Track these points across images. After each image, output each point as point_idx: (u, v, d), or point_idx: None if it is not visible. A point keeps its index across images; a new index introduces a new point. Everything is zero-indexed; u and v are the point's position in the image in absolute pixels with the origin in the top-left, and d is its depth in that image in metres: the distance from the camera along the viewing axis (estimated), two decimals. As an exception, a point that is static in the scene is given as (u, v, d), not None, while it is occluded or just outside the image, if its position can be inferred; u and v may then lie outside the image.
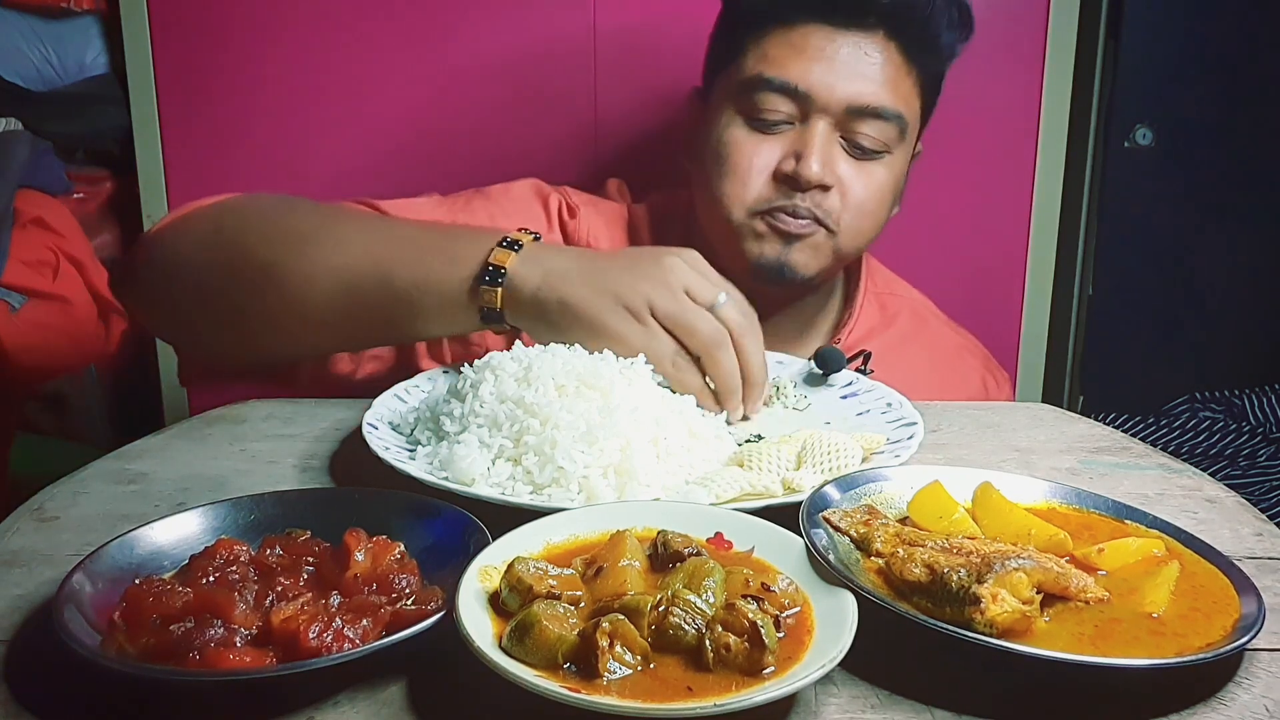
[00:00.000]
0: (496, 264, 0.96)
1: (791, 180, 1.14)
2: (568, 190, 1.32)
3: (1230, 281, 2.24)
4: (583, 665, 0.56)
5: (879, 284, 1.39)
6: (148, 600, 0.59)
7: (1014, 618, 0.60)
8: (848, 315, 1.32)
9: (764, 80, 1.15)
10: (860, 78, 1.14)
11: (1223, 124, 2.15)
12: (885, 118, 1.15)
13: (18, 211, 1.71)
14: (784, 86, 1.14)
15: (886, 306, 1.37)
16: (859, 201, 1.17)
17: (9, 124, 1.84)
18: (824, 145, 1.14)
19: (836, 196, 1.16)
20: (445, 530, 0.69)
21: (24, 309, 1.65)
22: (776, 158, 1.15)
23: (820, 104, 1.14)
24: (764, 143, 1.16)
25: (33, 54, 1.89)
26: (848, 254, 1.21)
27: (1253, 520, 0.82)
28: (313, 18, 1.75)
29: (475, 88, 1.76)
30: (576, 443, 0.80)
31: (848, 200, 1.16)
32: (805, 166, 1.13)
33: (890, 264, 1.48)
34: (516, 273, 0.96)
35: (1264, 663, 0.62)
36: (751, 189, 1.16)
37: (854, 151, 1.16)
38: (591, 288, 0.94)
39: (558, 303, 0.95)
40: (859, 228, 1.18)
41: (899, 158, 1.19)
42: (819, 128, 1.14)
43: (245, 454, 0.92)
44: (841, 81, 1.13)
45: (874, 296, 1.36)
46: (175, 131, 1.81)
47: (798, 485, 0.79)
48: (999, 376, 1.41)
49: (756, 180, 1.16)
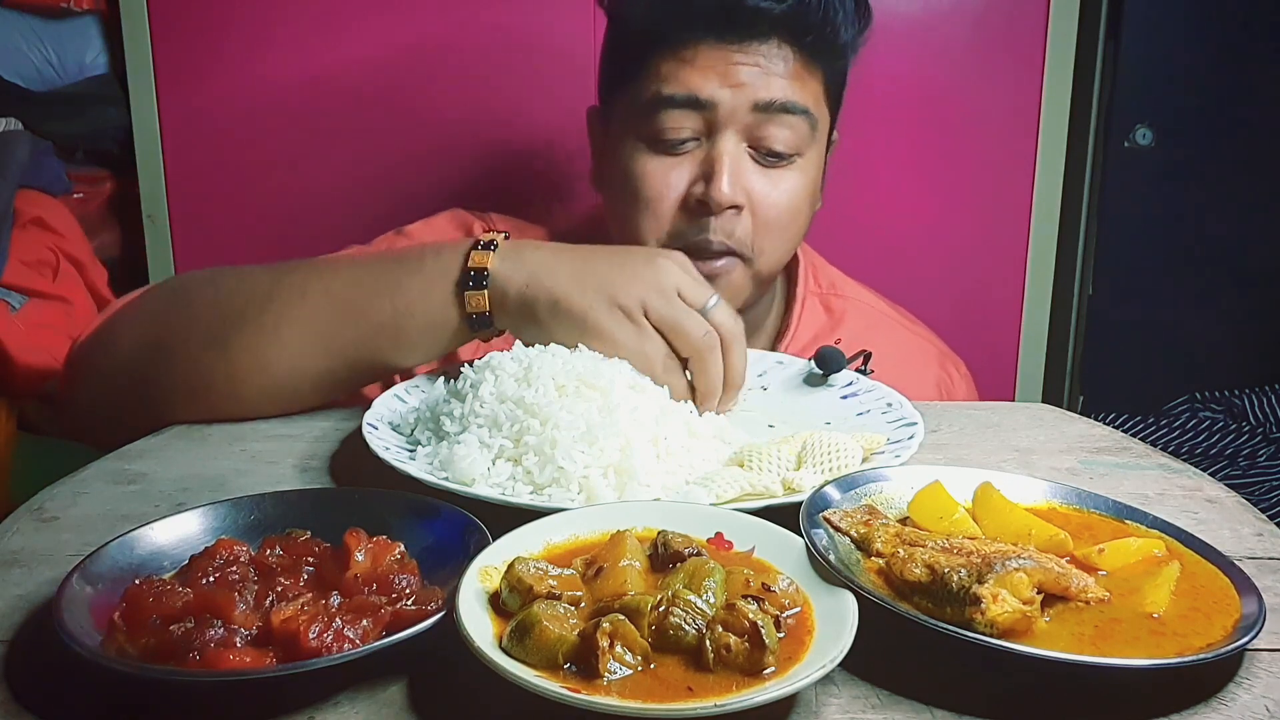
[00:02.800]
0: (478, 266, 0.94)
1: (702, 206, 1.11)
2: (491, 216, 1.30)
3: (1230, 281, 2.24)
4: (583, 665, 0.56)
5: (822, 285, 1.35)
6: (148, 600, 0.59)
7: (1014, 618, 0.60)
8: (787, 324, 1.29)
9: (664, 98, 1.11)
10: (763, 78, 1.11)
11: (1223, 124, 2.15)
12: (794, 112, 1.11)
13: (18, 211, 1.71)
14: (686, 100, 1.10)
15: (832, 308, 1.33)
16: (771, 219, 1.14)
17: (9, 124, 1.84)
18: (733, 161, 1.11)
19: (748, 217, 1.13)
20: (445, 530, 0.69)
21: (24, 309, 1.64)
22: (685, 182, 1.12)
23: (725, 112, 1.10)
24: (672, 168, 1.12)
25: (33, 54, 1.89)
26: (768, 276, 1.19)
27: (1253, 520, 0.82)
28: (312, 18, 1.75)
29: (477, 88, 1.76)
30: (576, 443, 0.80)
31: (760, 219, 1.13)
32: (715, 189, 1.09)
33: (889, 263, 1.48)
34: (499, 272, 0.94)
35: (1264, 663, 0.62)
36: (663, 221, 1.13)
37: (766, 159, 1.13)
38: (582, 287, 0.93)
39: (547, 302, 0.93)
40: (774, 246, 1.16)
41: (812, 158, 1.17)
42: (726, 142, 1.11)
43: (245, 454, 0.92)
44: (745, 82, 1.10)
45: (816, 298, 1.33)
46: (175, 131, 1.81)
47: (798, 485, 0.79)
48: (955, 370, 1.38)
49: (667, 210, 1.13)
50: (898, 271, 1.62)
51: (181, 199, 1.85)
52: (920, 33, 1.78)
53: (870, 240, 1.80)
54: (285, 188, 1.82)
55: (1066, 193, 1.87)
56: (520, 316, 0.95)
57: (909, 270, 1.81)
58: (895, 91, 1.78)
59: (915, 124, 1.82)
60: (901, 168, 1.84)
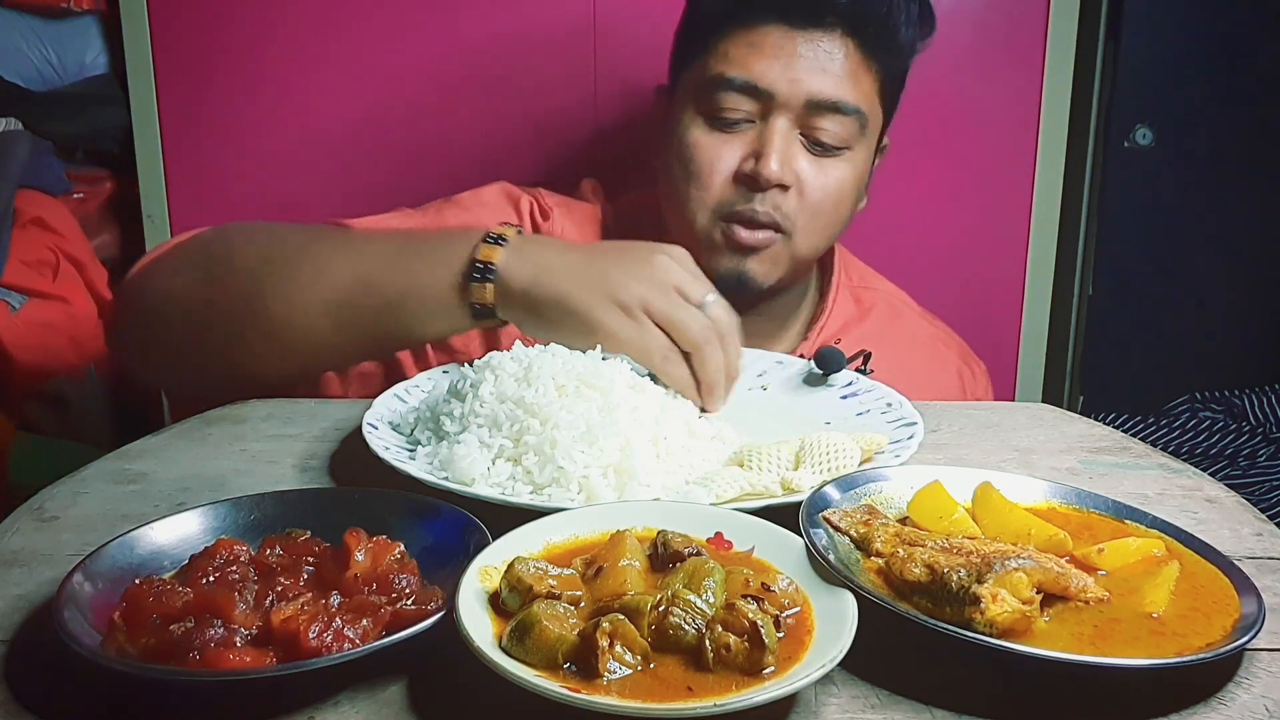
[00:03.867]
0: (485, 260, 0.97)
1: (751, 180, 1.15)
2: (540, 192, 1.33)
3: (1230, 281, 2.24)
4: (583, 665, 0.56)
5: (853, 278, 1.39)
6: (148, 600, 0.59)
7: (1014, 618, 0.60)
8: (821, 310, 1.33)
9: (724, 80, 1.16)
10: (820, 74, 1.15)
11: (1223, 124, 2.15)
12: (845, 112, 1.16)
13: (18, 211, 1.71)
14: (744, 85, 1.15)
15: (861, 300, 1.38)
16: (816, 201, 1.18)
17: (9, 124, 1.84)
18: (783, 143, 1.15)
19: (795, 196, 1.17)
20: (445, 530, 0.69)
21: (24, 309, 1.65)
22: (737, 158, 1.17)
23: (780, 100, 1.15)
24: (725, 143, 1.17)
25: (33, 54, 1.89)
26: (805, 256, 1.22)
27: (1253, 520, 0.82)
28: (312, 18, 1.75)
29: (477, 87, 1.76)
30: (576, 443, 0.80)
31: (805, 200, 1.17)
32: (764, 165, 1.14)
33: (889, 263, 1.48)
34: (507, 268, 0.97)
35: (1264, 663, 0.62)
36: (713, 191, 1.17)
37: (814, 149, 1.17)
38: (585, 284, 0.95)
39: (553, 299, 0.96)
40: (815, 228, 1.19)
41: (860, 154, 1.20)
42: (779, 125, 1.15)
43: (245, 454, 0.92)
44: (801, 77, 1.15)
45: (848, 290, 1.37)
46: (175, 131, 1.81)
47: (797, 485, 0.79)
48: (976, 367, 1.42)
49: (718, 181, 1.17)
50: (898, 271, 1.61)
51: (181, 199, 1.84)
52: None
53: (870, 240, 1.79)
54: (285, 188, 1.82)
55: (1066, 192, 1.86)
56: (525, 311, 0.97)
57: (909, 270, 1.80)
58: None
59: (915, 124, 1.82)
60: (901, 168, 1.84)
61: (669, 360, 0.95)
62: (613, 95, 1.72)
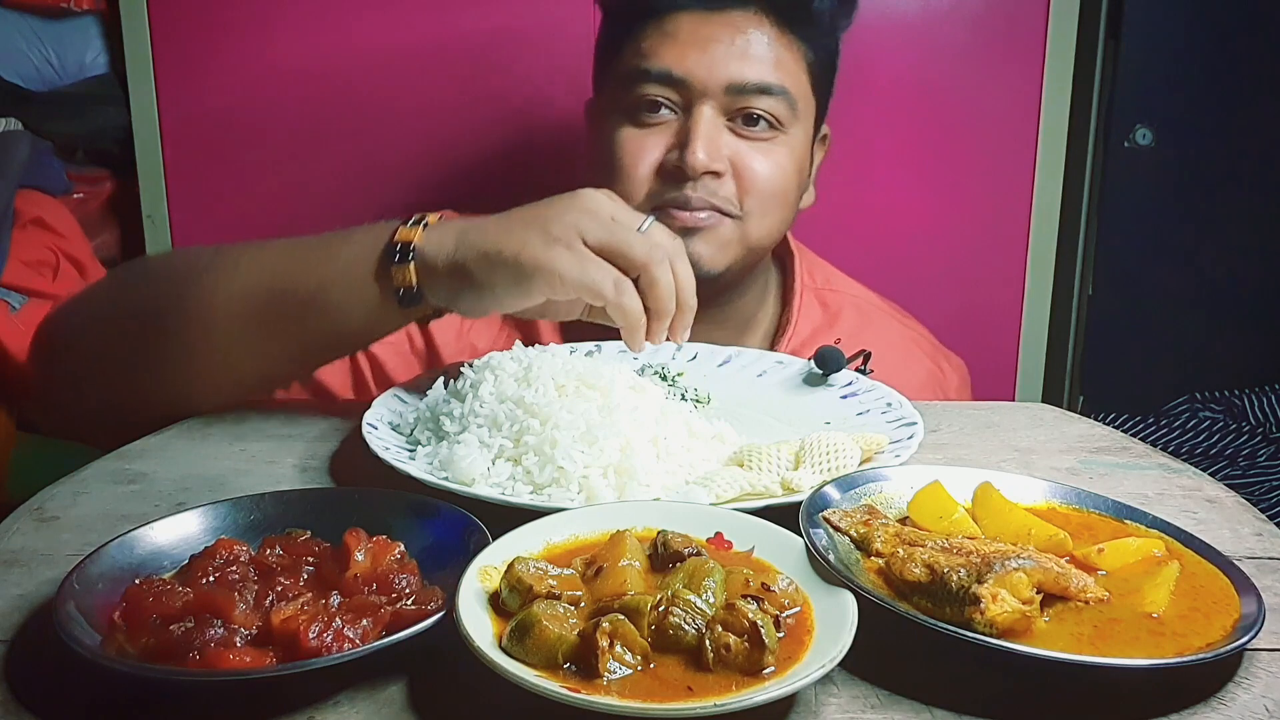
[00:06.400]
0: (404, 240, 0.92)
1: (677, 172, 1.11)
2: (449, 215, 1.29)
3: (1230, 281, 2.23)
4: (583, 665, 0.56)
5: (817, 280, 1.34)
6: (148, 600, 0.59)
7: (1014, 618, 0.60)
8: (786, 320, 1.28)
9: (641, 72, 1.13)
10: (739, 58, 1.12)
11: (1223, 124, 2.15)
12: (771, 93, 1.13)
13: (18, 211, 1.71)
14: (661, 75, 1.12)
15: (828, 304, 1.33)
16: (760, 182, 1.14)
17: (9, 124, 1.83)
18: (709, 131, 1.11)
19: (731, 181, 1.13)
20: (445, 530, 0.69)
21: (24, 309, 1.64)
22: (660, 150, 1.13)
23: (700, 88, 1.12)
24: (647, 137, 1.14)
25: (33, 54, 1.89)
26: (760, 242, 1.18)
27: (1253, 520, 0.82)
28: (312, 18, 1.75)
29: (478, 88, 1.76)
30: (576, 443, 0.80)
31: (746, 182, 1.14)
32: (690, 154, 1.10)
33: (889, 263, 1.48)
34: (428, 242, 0.92)
35: (1264, 663, 0.62)
36: (638, 185, 1.13)
37: (745, 130, 1.14)
38: (515, 231, 0.89)
39: (481, 255, 0.89)
40: (766, 210, 1.15)
41: (797, 137, 1.17)
42: (704, 113, 1.12)
43: (245, 454, 0.92)
44: (720, 63, 1.11)
45: (813, 294, 1.32)
46: (175, 131, 1.81)
47: (796, 485, 0.79)
48: (947, 364, 1.37)
49: (641, 174, 1.13)
50: (897, 271, 1.62)
51: (181, 199, 1.84)
52: (920, 32, 1.78)
53: (870, 240, 1.80)
54: (285, 187, 1.82)
55: (1066, 193, 1.86)
56: (454, 282, 0.91)
57: (909, 270, 1.80)
58: (895, 91, 1.78)
59: (915, 124, 1.82)
60: (901, 168, 1.84)
61: (621, 290, 0.87)
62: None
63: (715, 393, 1.05)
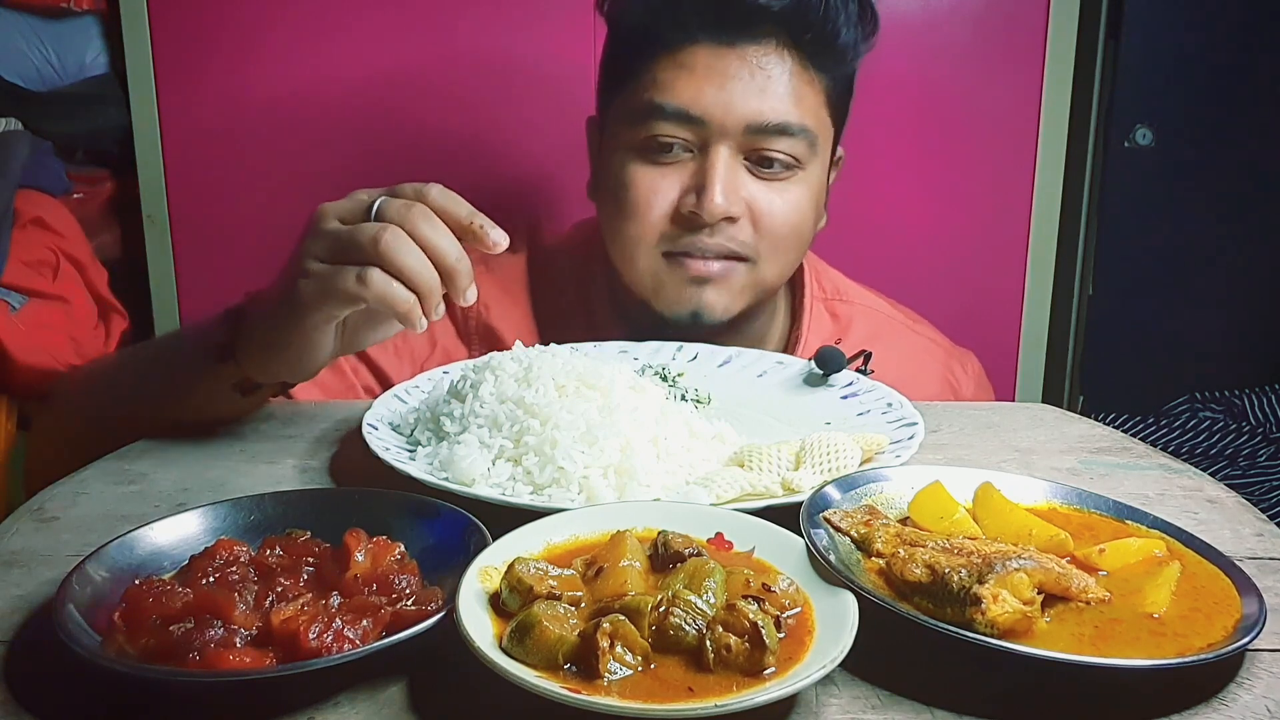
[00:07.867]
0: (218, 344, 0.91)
1: (692, 217, 1.08)
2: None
3: (1230, 281, 2.24)
4: (583, 666, 0.56)
5: (826, 290, 1.31)
6: (148, 600, 0.59)
7: (1015, 618, 0.60)
8: (796, 335, 1.25)
9: (655, 107, 1.08)
10: (758, 94, 1.07)
11: (1223, 124, 2.16)
12: (791, 134, 1.08)
13: (18, 211, 1.71)
14: (677, 113, 1.07)
15: (838, 315, 1.29)
16: (775, 226, 1.10)
17: (9, 124, 1.83)
18: (726, 174, 1.07)
19: (748, 225, 1.10)
20: (445, 530, 0.69)
21: (24, 309, 1.64)
22: (676, 193, 1.09)
23: (718, 128, 1.07)
24: (662, 176, 1.09)
25: (33, 54, 1.89)
26: (773, 284, 1.16)
27: (1253, 520, 0.82)
28: (312, 19, 1.75)
29: (476, 85, 1.76)
30: (576, 443, 0.80)
31: (762, 227, 1.10)
32: (707, 201, 1.06)
33: (889, 264, 1.48)
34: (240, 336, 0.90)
35: (1265, 663, 0.62)
36: (651, 228, 1.10)
37: (762, 172, 1.10)
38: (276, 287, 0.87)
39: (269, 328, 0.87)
40: (780, 254, 1.12)
41: (814, 171, 1.13)
42: (720, 155, 1.07)
43: (245, 454, 0.92)
44: (738, 101, 1.06)
45: (822, 305, 1.29)
46: (175, 131, 1.81)
47: (797, 485, 0.79)
48: (964, 367, 1.34)
49: (655, 218, 1.09)
50: (898, 272, 1.62)
51: (181, 199, 1.85)
52: (920, 33, 1.78)
53: (870, 241, 1.80)
54: (284, 188, 1.82)
55: (1066, 193, 1.87)
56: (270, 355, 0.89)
57: (909, 270, 1.80)
58: (895, 92, 1.78)
59: (915, 124, 1.83)
60: (902, 168, 1.84)
61: (366, 282, 0.80)
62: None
63: (715, 393, 1.04)
